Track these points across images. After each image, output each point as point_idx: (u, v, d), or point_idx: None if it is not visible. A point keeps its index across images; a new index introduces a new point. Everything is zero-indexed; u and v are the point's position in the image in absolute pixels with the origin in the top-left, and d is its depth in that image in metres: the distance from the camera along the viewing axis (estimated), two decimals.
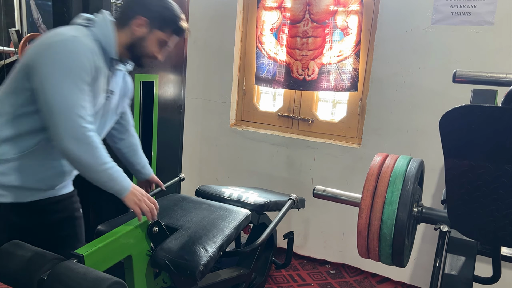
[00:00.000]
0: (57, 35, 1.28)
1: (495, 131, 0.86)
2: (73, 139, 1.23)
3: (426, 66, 2.37)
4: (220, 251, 1.55)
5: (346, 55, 2.62)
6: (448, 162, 0.94)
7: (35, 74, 1.25)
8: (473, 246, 1.21)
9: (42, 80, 1.23)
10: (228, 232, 1.63)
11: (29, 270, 1.18)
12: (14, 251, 1.26)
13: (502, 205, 0.93)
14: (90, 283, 1.06)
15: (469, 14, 2.22)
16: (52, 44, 1.26)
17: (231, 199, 2.00)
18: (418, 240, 2.49)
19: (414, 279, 2.58)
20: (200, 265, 1.43)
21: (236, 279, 1.89)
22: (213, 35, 2.92)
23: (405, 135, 2.47)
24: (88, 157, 1.26)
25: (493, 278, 1.32)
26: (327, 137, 2.79)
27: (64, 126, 1.23)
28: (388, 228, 1.12)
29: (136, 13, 1.40)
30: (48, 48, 1.26)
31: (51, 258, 1.23)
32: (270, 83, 2.86)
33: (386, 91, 2.49)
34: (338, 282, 2.61)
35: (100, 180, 1.31)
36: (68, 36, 1.28)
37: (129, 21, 1.41)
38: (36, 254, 1.25)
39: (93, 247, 1.26)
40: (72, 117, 1.23)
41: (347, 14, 2.57)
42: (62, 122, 1.22)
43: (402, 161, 1.21)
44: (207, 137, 3.08)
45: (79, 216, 1.55)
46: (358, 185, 2.47)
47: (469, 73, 1.32)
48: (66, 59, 1.25)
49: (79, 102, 1.25)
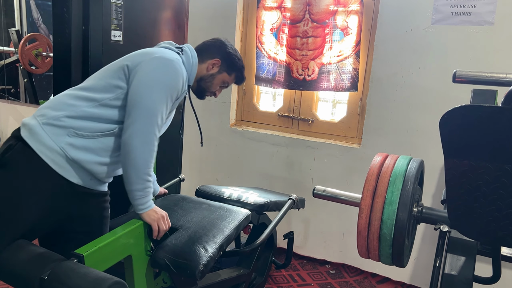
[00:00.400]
0: (164, 53, 1.48)
1: (495, 131, 0.86)
2: (143, 139, 1.38)
3: (426, 66, 2.36)
4: (220, 251, 1.56)
5: (346, 55, 2.62)
6: (448, 162, 0.94)
7: (135, 76, 1.41)
8: (473, 246, 1.21)
9: (141, 82, 1.40)
10: (228, 232, 1.63)
11: (31, 270, 1.19)
12: (16, 252, 1.26)
13: (502, 205, 0.93)
14: (90, 283, 1.06)
15: (469, 14, 2.22)
16: (160, 58, 1.45)
17: (231, 199, 2.00)
18: (418, 240, 2.49)
19: (414, 279, 2.58)
20: (200, 265, 1.43)
21: (236, 279, 1.89)
22: (213, 35, 2.91)
23: (405, 135, 2.47)
24: (143, 160, 1.39)
25: (493, 278, 1.32)
26: (327, 137, 2.79)
27: (142, 124, 1.37)
28: (388, 228, 1.12)
29: (215, 55, 1.66)
30: (156, 60, 1.44)
31: (52, 258, 1.23)
32: (270, 83, 2.86)
33: (386, 91, 2.49)
34: (338, 282, 2.61)
35: (136, 186, 1.41)
36: (174, 58, 1.48)
37: (207, 59, 1.65)
38: (37, 255, 1.25)
39: (93, 247, 1.26)
40: (152, 122, 1.39)
41: (347, 14, 2.57)
42: (141, 121, 1.37)
43: (402, 161, 1.21)
44: (207, 137, 3.08)
45: (107, 216, 1.58)
46: (358, 185, 2.47)
47: (469, 73, 1.32)
48: (167, 75, 1.44)
49: (161, 113, 1.42)
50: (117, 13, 1.89)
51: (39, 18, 3.62)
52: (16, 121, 3.89)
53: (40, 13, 3.61)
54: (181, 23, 2.28)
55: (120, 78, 1.44)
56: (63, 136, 1.36)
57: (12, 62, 3.68)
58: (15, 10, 3.64)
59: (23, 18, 3.64)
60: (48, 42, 3.53)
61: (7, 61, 3.72)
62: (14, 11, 3.64)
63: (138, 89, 1.40)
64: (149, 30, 2.07)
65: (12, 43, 3.63)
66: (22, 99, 3.83)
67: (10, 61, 3.70)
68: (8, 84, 3.84)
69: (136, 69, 1.43)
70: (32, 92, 3.73)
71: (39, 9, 3.61)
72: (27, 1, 3.60)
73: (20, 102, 3.85)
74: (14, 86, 3.83)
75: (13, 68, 3.74)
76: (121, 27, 1.91)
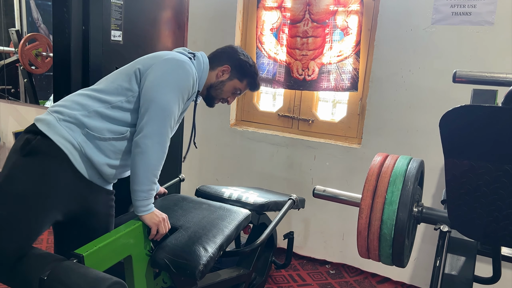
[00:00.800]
0: (175, 55, 1.51)
1: (495, 131, 0.86)
2: (157, 139, 1.41)
3: (426, 66, 2.36)
4: (220, 251, 1.55)
5: (346, 55, 2.62)
6: (448, 162, 0.94)
7: (147, 78, 1.45)
8: (473, 246, 1.21)
9: (153, 83, 1.43)
10: (228, 232, 1.63)
11: (30, 270, 1.19)
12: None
13: (502, 205, 0.93)
14: (89, 283, 1.06)
15: (469, 14, 2.22)
16: (171, 60, 1.48)
17: (231, 199, 2.00)
18: (418, 240, 2.49)
19: (414, 279, 2.58)
20: (200, 265, 1.43)
21: (236, 279, 1.89)
22: (213, 35, 2.92)
23: (405, 135, 2.47)
24: (155, 160, 1.42)
25: (493, 278, 1.32)
26: (327, 137, 2.79)
27: (156, 125, 1.40)
28: (388, 228, 1.12)
29: (225, 62, 1.66)
30: (166, 62, 1.48)
31: (52, 258, 1.23)
32: (270, 83, 2.86)
33: (386, 91, 2.49)
34: (338, 282, 2.61)
35: (142, 186, 1.42)
36: (185, 59, 1.51)
37: (217, 66, 1.66)
38: (37, 255, 1.25)
39: (93, 247, 1.26)
40: (166, 122, 1.42)
41: (347, 14, 2.57)
42: (156, 122, 1.40)
43: (402, 161, 1.21)
44: (207, 137, 3.08)
45: (113, 214, 1.59)
46: (358, 185, 2.48)
47: (469, 73, 1.32)
48: (179, 76, 1.47)
49: (174, 113, 1.45)
50: (117, 13, 1.89)
51: (39, 18, 3.62)
52: (16, 121, 3.90)
53: (40, 13, 3.61)
54: (181, 23, 2.28)
55: (132, 81, 1.47)
56: (78, 133, 1.39)
57: (12, 62, 3.68)
58: (15, 10, 3.64)
59: (23, 18, 3.64)
60: (48, 42, 3.53)
61: (7, 61, 3.72)
62: (14, 11, 3.64)
63: (151, 90, 1.43)
64: (149, 30, 2.07)
65: (12, 43, 3.63)
66: (22, 99, 3.83)
67: (10, 61, 3.70)
68: (8, 84, 3.83)
69: (148, 72, 1.46)
70: (32, 92, 3.73)
71: (39, 9, 3.61)
72: (27, 1, 3.59)
73: (20, 102, 3.85)
74: (14, 86, 3.83)
75: (13, 68, 3.74)
76: (121, 27, 1.91)
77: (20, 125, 3.83)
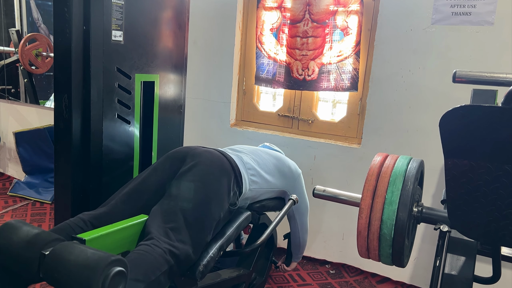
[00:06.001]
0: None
1: (495, 131, 0.86)
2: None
3: (426, 66, 2.37)
4: (220, 251, 1.56)
5: (346, 55, 2.62)
6: (448, 162, 0.94)
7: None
8: (473, 246, 1.21)
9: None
10: (228, 232, 1.63)
11: (32, 245, 1.17)
12: (19, 227, 1.23)
13: (502, 205, 0.93)
14: (92, 260, 1.05)
15: (469, 14, 2.22)
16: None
17: None
18: (418, 240, 2.49)
19: (414, 279, 2.58)
20: (200, 265, 1.43)
21: (236, 279, 1.89)
22: (213, 35, 2.92)
23: (405, 135, 2.47)
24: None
25: (493, 278, 1.32)
26: (327, 138, 2.79)
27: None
28: (388, 228, 1.12)
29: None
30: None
31: (55, 237, 1.22)
32: (270, 83, 2.86)
33: (386, 91, 2.49)
34: (338, 282, 2.61)
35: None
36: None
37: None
38: (41, 232, 1.23)
39: (96, 233, 1.27)
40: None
41: (347, 14, 2.57)
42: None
43: (402, 161, 1.21)
44: (207, 137, 3.08)
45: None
46: (358, 185, 2.48)
47: (469, 73, 1.32)
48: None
49: None
50: (118, 13, 1.89)
51: (39, 18, 3.62)
52: (16, 121, 3.90)
53: (40, 13, 3.61)
54: (182, 23, 2.28)
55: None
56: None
57: (12, 62, 3.69)
58: (15, 10, 3.64)
59: (23, 18, 3.65)
60: (48, 42, 3.53)
61: (7, 61, 3.72)
62: (14, 11, 3.64)
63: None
64: (150, 30, 2.07)
65: (12, 43, 3.64)
66: (22, 99, 3.84)
67: (10, 61, 3.70)
68: (8, 84, 3.84)
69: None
70: (32, 92, 3.74)
71: (39, 9, 3.61)
72: (27, 1, 3.60)
73: (20, 102, 3.86)
74: (14, 86, 3.83)
75: (13, 68, 3.74)
76: (122, 27, 1.91)
77: (20, 125, 3.83)
